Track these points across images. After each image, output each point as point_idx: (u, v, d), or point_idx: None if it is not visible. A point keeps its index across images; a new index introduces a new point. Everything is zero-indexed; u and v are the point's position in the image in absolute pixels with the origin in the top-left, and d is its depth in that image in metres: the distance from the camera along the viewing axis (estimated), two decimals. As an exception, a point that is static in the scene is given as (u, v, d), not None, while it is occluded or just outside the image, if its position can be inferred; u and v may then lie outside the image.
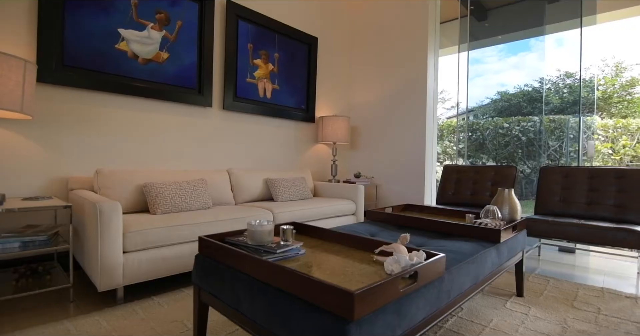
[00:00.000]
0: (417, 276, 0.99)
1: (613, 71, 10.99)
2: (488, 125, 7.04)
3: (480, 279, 1.40)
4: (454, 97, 5.32)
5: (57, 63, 2.23)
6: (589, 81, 11.21)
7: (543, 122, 5.75)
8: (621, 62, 10.85)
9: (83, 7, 2.32)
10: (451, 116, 5.15)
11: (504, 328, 1.60)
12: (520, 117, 6.55)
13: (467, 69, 4.18)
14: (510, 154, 6.50)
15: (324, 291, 0.82)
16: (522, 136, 6.29)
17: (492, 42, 4.87)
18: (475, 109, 7.97)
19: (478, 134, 7.22)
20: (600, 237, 2.12)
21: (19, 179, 2.14)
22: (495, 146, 6.86)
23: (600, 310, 1.84)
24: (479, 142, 7.09)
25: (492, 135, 6.96)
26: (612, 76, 11.11)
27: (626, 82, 10.79)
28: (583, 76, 4.33)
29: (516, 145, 6.38)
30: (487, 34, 4.81)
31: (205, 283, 1.23)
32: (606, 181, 2.56)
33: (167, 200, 2.24)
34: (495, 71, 5.88)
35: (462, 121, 6.17)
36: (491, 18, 4.79)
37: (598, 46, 11.66)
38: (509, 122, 6.80)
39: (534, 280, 2.28)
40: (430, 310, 1.06)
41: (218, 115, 3.12)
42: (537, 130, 5.89)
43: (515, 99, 7.25)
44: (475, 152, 7.04)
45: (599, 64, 12.11)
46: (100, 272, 1.69)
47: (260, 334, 0.98)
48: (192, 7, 2.86)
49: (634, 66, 11.12)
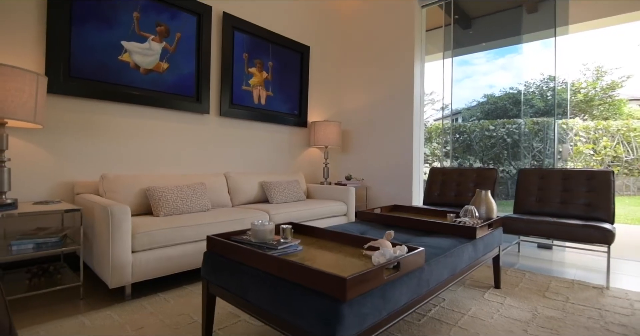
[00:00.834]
0: (400, 266, 1.16)
1: (594, 75, 11.40)
2: (475, 127, 7.29)
3: (458, 271, 1.57)
4: (446, 98, 5.55)
5: (64, 74, 2.36)
6: (570, 84, 11.58)
7: (527, 125, 5.96)
8: (601, 67, 11.24)
9: (89, 22, 2.45)
10: (439, 117, 5.36)
11: (481, 315, 1.78)
12: (506, 120, 6.80)
13: (451, 75, 4.38)
14: (497, 156, 6.74)
15: (321, 278, 0.99)
16: (508, 138, 6.53)
17: (477, 49, 5.09)
18: (462, 111, 8.21)
19: (465, 136, 7.46)
20: (570, 233, 2.32)
21: (29, 185, 2.26)
22: (481, 147, 7.11)
23: (568, 298, 2.04)
24: (467, 144, 7.33)
25: (478, 137, 7.20)
26: (593, 79, 11.51)
27: (607, 85, 11.18)
28: (565, 80, 4.56)
29: (502, 147, 6.62)
30: (472, 41, 5.04)
31: (213, 277, 1.38)
32: (577, 182, 2.77)
33: (169, 203, 2.38)
34: (483, 72, 6.01)
35: (451, 123, 6.39)
36: (475, 26, 5.01)
37: (580, 52, 11.90)
38: (494, 125, 7.05)
39: (512, 274, 2.47)
40: (411, 296, 1.23)
41: (215, 121, 3.26)
42: (522, 132, 6.13)
43: (501, 102, 7.51)
44: (463, 154, 7.27)
45: (580, 68, 12.48)
46: (112, 270, 1.82)
47: (266, 318, 1.14)
48: (191, 20, 3.00)
49: (614, 70, 11.51)
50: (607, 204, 2.60)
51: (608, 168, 2.73)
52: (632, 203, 8.31)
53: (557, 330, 1.64)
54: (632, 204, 8.16)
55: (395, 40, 4.12)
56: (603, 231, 2.21)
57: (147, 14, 2.75)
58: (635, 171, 9.41)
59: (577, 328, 1.66)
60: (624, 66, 15.42)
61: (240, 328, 1.61)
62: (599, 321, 1.74)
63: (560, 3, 3.60)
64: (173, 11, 2.89)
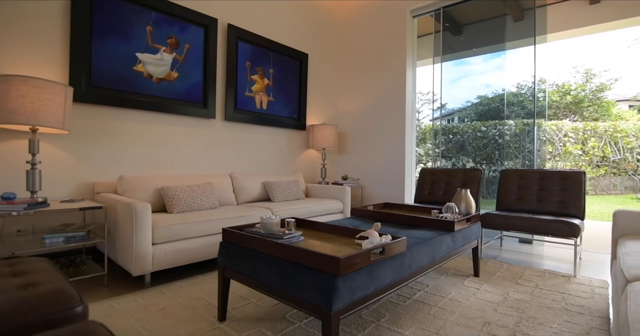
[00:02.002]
0: (384, 251, 1.41)
1: (584, 77, 11.72)
2: (467, 128, 7.56)
3: (437, 258, 1.83)
4: (442, 98, 5.76)
5: (86, 84, 2.60)
6: (560, 86, 11.85)
7: (518, 126, 6.21)
8: (590, 69, 11.55)
9: (107, 36, 2.68)
10: (435, 117, 5.60)
11: (459, 298, 2.05)
12: (497, 121, 7.07)
13: (440, 79, 4.63)
14: (489, 156, 7.01)
15: (320, 259, 1.24)
16: (499, 138, 6.80)
17: (467, 54, 5.35)
18: (457, 111, 8.47)
19: (458, 137, 7.73)
20: (542, 227, 2.59)
21: (54, 185, 2.49)
22: (474, 148, 7.38)
23: (537, 285, 2.30)
24: (460, 145, 7.61)
25: (471, 138, 7.47)
26: (582, 81, 11.82)
27: (596, 87, 11.50)
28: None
29: (493, 147, 6.89)
30: (462, 47, 5.31)
31: (229, 263, 1.63)
32: (553, 182, 3.04)
33: (182, 201, 2.62)
34: (480, 72, 6.13)
35: (445, 124, 6.61)
36: (465, 33, 5.28)
37: (571, 55, 12.21)
38: (486, 126, 7.33)
39: (491, 265, 2.74)
40: (395, 277, 1.48)
41: (220, 125, 3.51)
42: (513, 133, 6.39)
43: (494, 103, 7.79)
44: (456, 154, 7.53)
45: (570, 70, 12.80)
46: (135, 260, 2.07)
47: (276, 293, 1.40)
48: (198, 32, 3.24)
49: (603, 72, 11.83)
50: (578, 202, 2.87)
51: (580, 169, 3.00)
52: (617, 201, 8.62)
53: (522, 309, 1.90)
54: (618, 202, 8.47)
55: (388, 48, 4.38)
56: (571, 226, 2.48)
57: (159, 27, 2.99)
58: (622, 171, 9.74)
59: (540, 308, 1.93)
60: (613, 68, 15.82)
61: (250, 308, 1.86)
62: (560, 303, 2.00)
63: (539, 10, 3.89)
64: (182, 24, 3.13)
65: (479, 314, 1.83)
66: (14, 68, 2.31)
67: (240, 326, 1.65)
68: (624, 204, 8.28)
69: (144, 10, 2.88)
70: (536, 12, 3.88)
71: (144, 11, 2.88)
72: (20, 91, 2.04)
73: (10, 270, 1.28)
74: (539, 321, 1.76)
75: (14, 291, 1.08)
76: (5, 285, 1.12)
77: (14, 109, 2.03)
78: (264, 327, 1.64)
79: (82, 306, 1.08)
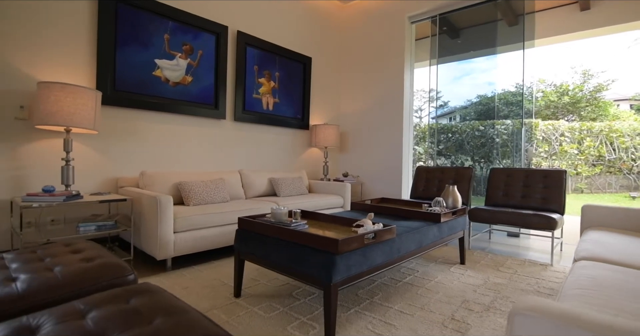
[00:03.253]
0: (376, 236, 1.68)
1: (582, 78, 11.92)
2: (466, 128, 7.80)
3: (423, 245, 2.11)
4: (443, 97, 5.96)
5: (110, 88, 2.87)
6: (559, 86, 12.02)
7: (515, 125, 6.42)
8: (588, 70, 11.75)
9: (129, 45, 2.95)
10: (438, 115, 5.81)
11: (444, 281, 2.32)
12: (495, 121, 7.30)
13: (436, 81, 4.85)
14: (486, 154, 7.26)
15: (322, 240, 1.51)
16: (497, 137, 7.03)
17: (464, 57, 5.60)
18: (458, 109, 8.69)
19: (457, 136, 7.97)
20: (523, 221, 2.86)
21: (84, 179, 2.77)
22: (472, 146, 7.63)
23: (516, 272, 2.57)
24: (458, 143, 7.85)
25: (469, 137, 7.71)
26: (580, 82, 12.02)
27: (593, 88, 11.69)
28: (554, 82, 4.94)
29: (491, 146, 7.13)
30: (460, 50, 5.55)
31: (244, 247, 1.91)
32: (536, 180, 3.30)
33: (197, 195, 2.90)
34: (482, 69, 6.26)
35: (444, 123, 6.86)
36: (463, 36, 5.52)
37: (570, 57, 12.37)
38: (484, 125, 7.56)
39: (477, 255, 3.01)
40: (385, 258, 1.76)
41: (230, 125, 3.78)
42: (510, 132, 6.62)
43: (493, 102, 8.02)
44: (455, 153, 7.78)
45: (568, 71, 12.97)
46: (159, 246, 2.35)
47: (285, 270, 1.67)
48: (210, 39, 3.51)
49: (600, 73, 12.02)
50: (559, 198, 3.13)
51: (561, 168, 3.26)
52: (611, 199, 8.86)
53: (499, 291, 2.18)
54: (612, 200, 8.71)
55: (388, 52, 4.63)
56: (549, 219, 2.75)
57: (175, 35, 3.25)
58: (617, 170, 9.97)
59: (515, 290, 2.20)
60: (610, 69, 15.98)
61: (261, 288, 2.14)
62: (534, 286, 2.27)
63: (528, 17, 4.14)
64: (196, 32, 3.40)
65: (460, 294, 2.11)
66: (51, 74, 2.59)
67: (253, 301, 1.93)
68: (617, 202, 8.52)
69: (162, 20, 3.15)
70: (525, 19, 4.13)
71: (162, 21, 3.15)
72: (58, 96, 2.31)
73: (69, 249, 1.56)
74: (511, 299, 2.03)
75: (80, 263, 1.36)
76: (70, 260, 1.40)
77: (53, 112, 2.30)
78: (274, 302, 1.92)
79: (134, 275, 1.36)
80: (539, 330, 0.60)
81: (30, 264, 1.34)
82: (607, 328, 0.56)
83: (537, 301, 0.66)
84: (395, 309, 1.87)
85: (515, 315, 0.65)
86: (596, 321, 0.58)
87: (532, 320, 0.62)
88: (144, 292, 1.07)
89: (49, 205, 2.19)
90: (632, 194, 9.04)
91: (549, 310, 0.62)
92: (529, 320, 0.62)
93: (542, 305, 0.64)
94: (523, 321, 0.63)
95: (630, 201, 8.55)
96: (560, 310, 0.61)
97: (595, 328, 0.57)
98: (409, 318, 1.77)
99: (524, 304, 0.66)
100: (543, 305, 0.64)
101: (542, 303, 0.65)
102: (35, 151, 2.56)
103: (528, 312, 0.62)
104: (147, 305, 0.97)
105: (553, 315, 0.61)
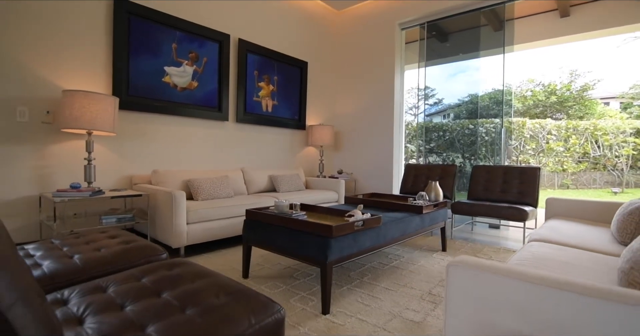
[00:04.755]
0: (365, 224, 1.99)
1: (569, 78, 12.29)
2: (456, 126, 8.13)
3: (407, 233, 2.42)
4: (437, 94, 6.26)
5: (125, 94, 3.15)
6: (547, 86, 12.39)
7: (503, 125, 6.74)
8: (575, 70, 12.12)
9: (141, 54, 3.23)
10: (434, 112, 6.12)
11: (426, 265, 2.64)
12: (484, 120, 7.64)
13: (424, 83, 5.15)
14: (476, 152, 7.60)
15: (319, 227, 1.82)
16: (486, 136, 7.37)
17: (452, 59, 5.91)
18: (449, 108, 9.01)
19: (448, 134, 8.30)
20: (498, 213, 3.19)
21: (103, 177, 3.05)
22: (462, 144, 7.96)
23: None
24: (449, 141, 8.18)
25: (460, 135, 8.05)
26: (567, 81, 12.40)
27: (580, 87, 12.07)
28: (542, 82, 5.19)
29: (480, 144, 7.47)
30: (449, 53, 5.87)
31: (251, 234, 2.21)
32: (513, 176, 3.63)
33: (205, 191, 3.19)
34: (476, 67, 6.54)
35: (435, 122, 7.19)
36: (451, 40, 5.83)
37: (559, 57, 12.90)
38: (474, 124, 7.90)
39: (459, 243, 3.34)
40: (372, 243, 2.07)
41: (233, 127, 4.07)
42: (498, 131, 6.94)
43: (483, 101, 8.34)
44: (446, 150, 8.10)
45: (556, 71, 13.29)
46: (174, 236, 2.65)
47: (287, 253, 1.98)
48: (214, 47, 3.79)
49: (587, 73, 12.40)
50: (533, 193, 3.46)
51: (536, 165, 3.59)
52: (594, 195, 9.27)
53: (473, 272, 2.50)
54: (595, 196, 9.12)
55: (379, 56, 4.94)
56: (520, 211, 3.08)
57: (182, 44, 3.53)
58: (602, 166, 10.38)
59: (487, 271, 2.52)
60: (596, 69, 16.39)
61: (266, 271, 2.45)
62: (504, 269, 2.60)
63: (508, 23, 4.47)
64: (201, 40, 3.67)
65: (438, 275, 2.43)
66: (74, 82, 2.87)
67: (260, 281, 2.24)
68: (599, 198, 8.92)
69: (170, 30, 3.42)
70: (505, 25, 4.46)
71: (170, 31, 3.42)
72: (82, 102, 2.59)
73: (105, 235, 1.85)
74: (482, 279, 2.36)
75: (120, 245, 1.66)
76: (110, 243, 1.70)
77: (77, 117, 2.58)
78: (277, 282, 2.23)
79: (166, 254, 1.65)
80: (462, 274, 0.91)
81: (78, 246, 1.64)
82: (499, 270, 0.88)
83: (464, 257, 0.97)
84: (382, 286, 2.18)
85: (449, 266, 0.96)
86: (497, 267, 0.90)
87: (460, 268, 0.93)
88: (180, 264, 1.37)
89: (73, 200, 2.48)
90: (614, 190, 9.46)
91: (470, 261, 0.93)
92: (458, 268, 0.93)
93: (466, 259, 0.95)
94: (454, 270, 0.94)
95: (612, 196, 8.96)
96: (476, 261, 0.92)
97: (495, 270, 0.88)
98: (392, 293, 2.08)
99: (456, 259, 0.98)
100: (466, 259, 0.95)
101: (467, 258, 0.97)
102: (59, 152, 2.84)
103: (457, 263, 0.94)
104: (186, 272, 1.27)
105: (471, 264, 0.92)
